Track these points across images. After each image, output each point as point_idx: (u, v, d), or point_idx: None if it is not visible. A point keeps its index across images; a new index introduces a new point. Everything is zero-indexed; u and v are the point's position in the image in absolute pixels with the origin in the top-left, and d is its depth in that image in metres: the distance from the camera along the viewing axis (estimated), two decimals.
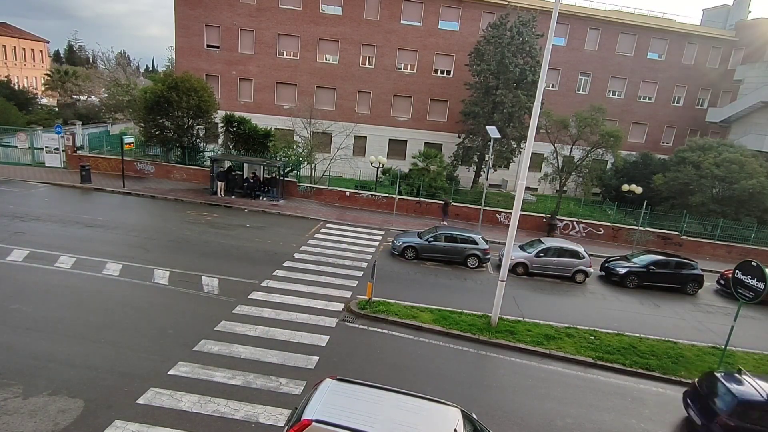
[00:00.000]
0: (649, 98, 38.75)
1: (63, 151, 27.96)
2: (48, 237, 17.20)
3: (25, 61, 64.37)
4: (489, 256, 20.11)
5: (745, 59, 37.89)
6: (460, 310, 15.05)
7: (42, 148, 28.07)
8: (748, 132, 35.10)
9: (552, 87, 36.75)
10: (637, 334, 15.20)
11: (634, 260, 20.73)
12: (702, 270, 20.74)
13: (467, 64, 32.60)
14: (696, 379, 11.42)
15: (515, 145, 32.68)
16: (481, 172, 33.45)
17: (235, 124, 28.13)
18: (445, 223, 25.21)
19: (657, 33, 37.20)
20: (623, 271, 20.11)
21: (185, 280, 14.95)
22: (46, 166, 27.84)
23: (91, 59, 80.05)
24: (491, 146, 23.82)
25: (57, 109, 46.29)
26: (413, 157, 30.25)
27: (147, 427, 8.50)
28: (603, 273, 20.90)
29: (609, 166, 34.75)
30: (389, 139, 36.76)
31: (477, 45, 32.01)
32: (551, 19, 12.88)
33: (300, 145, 30.02)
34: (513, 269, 19.16)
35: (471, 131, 33.02)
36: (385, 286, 16.06)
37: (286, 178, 27.94)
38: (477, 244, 19.94)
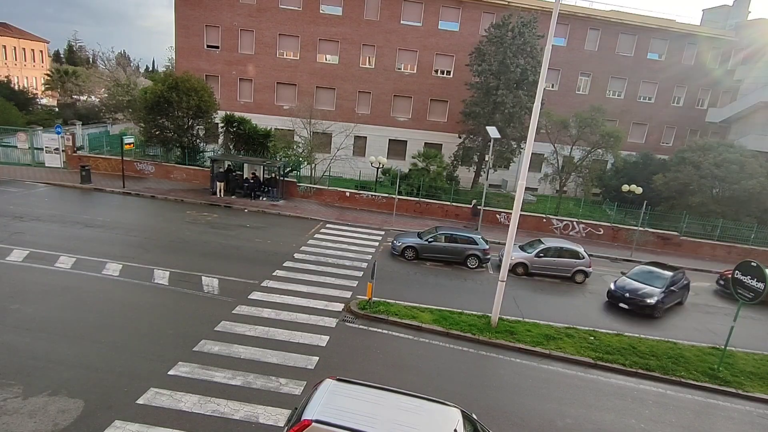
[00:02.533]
0: (649, 98, 38.73)
1: (63, 151, 27.96)
2: (48, 237, 17.20)
3: (25, 61, 64.38)
4: (489, 256, 20.11)
5: (745, 59, 37.88)
6: (460, 311, 15.05)
7: (42, 149, 28.07)
8: (748, 132, 35.14)
9: (552, 87, 36.76)
10: (637, 335, 15.20)
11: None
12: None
13: (468, 65, 32.59)
14: None
15: (515, 146, 32.65)
16: (481, 173, 33.43)
17: (235, 124, 28.12)
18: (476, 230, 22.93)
19: (657, 33, 37.19)
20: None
21: (185, 281, 14.95)
22: (46, 166, 27.84)
23: (91, 59, 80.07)
24: (491, 146, 23.80)
25: (57, 109, 46.30)
26: (413, 158, 30.25)
27: (147, 428, 8.50)
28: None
29: (609, 166, 34.79)
30: (389, 140, 36.77)
31: (479, 45, 31.97)
32: (551, 19, 12.88)
33: (300, 145, 30.04)
34: (513, 269, 19.16)
35: (471, 131, 33.00)
36: (385, 286, 16.06)
37: (286, 179, 27.93)
38: (477, 244, 19.94)
